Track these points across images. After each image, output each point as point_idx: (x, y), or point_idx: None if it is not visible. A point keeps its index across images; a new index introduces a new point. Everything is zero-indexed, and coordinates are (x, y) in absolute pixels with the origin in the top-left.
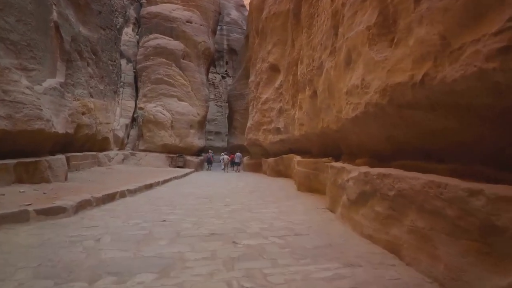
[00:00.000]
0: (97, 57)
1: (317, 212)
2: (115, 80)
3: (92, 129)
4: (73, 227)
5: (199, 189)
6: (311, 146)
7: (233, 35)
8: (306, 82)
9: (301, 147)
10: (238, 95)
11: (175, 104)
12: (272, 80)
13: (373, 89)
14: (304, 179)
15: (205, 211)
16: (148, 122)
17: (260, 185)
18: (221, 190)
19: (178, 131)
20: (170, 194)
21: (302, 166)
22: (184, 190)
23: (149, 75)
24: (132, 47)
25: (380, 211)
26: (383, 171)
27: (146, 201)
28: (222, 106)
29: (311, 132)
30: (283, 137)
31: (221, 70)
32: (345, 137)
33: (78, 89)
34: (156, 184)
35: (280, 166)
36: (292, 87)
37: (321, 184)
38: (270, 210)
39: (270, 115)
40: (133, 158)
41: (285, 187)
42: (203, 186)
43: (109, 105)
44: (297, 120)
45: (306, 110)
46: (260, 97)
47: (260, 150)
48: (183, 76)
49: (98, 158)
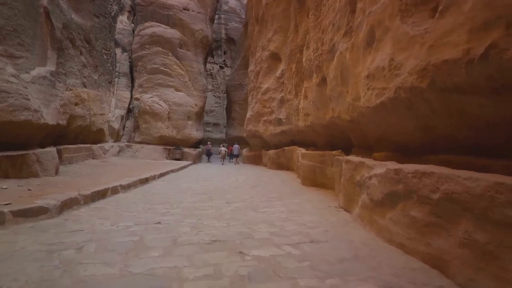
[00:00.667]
0: (91, 46)
1: (330, 212)
2: (110, 69)
3: (86, 120)
4: (54, 232)
5: (198, 183)
6: (316, 138)
7: (231, 24)
8: (313, 69)
9: (304, 139)
10: (236, 85)
11: (172, 95)
12: (273, 69)
13: (407, 70)
14: (309, 173)
15: (204, 210)
16: (144, 113)
17: (261, 179)
18: (221, 185)
19: (175, 122)
20: (167, 189)
21: (307, 159)
22: (182, 184)
23: (145, 64)
24: (127, 35)
25: (418, 217)
26: (421, 168)
27: (140, 198)
28: (220, 97)
29: (318, 123)
30: (285, 128)
31: (219, 60)
32: (360, 128)
33: (71, 78)
34: (152, 178)
35: (281, 158)
36: (296, 75)
37: (328, 178)
38: (277, 209)
39: (270, 105)
40: (129, 151)
41: (288, 181)
42: (202, 180)
43: (104, 95)
44: (302, 110)
45: (313, 99)
46: (260, 87)
47: (260, 141)
48: (180, 66)
49: (93, 151)
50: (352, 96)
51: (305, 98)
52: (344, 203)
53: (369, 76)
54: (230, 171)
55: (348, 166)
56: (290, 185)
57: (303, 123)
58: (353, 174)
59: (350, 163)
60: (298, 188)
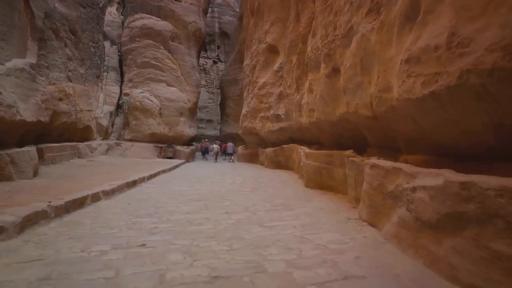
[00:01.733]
0: (77, 38)
1: (353, 227)
2: (98, 63)
3: (71, 116)
4: (3, 263)
5: (191, 186)
6: (321, 136)
7: (225, 17)
8: (321, 59)
9: (306, 136)
10: (231, 80)
11: (163, 90)
12: (270, 63)
13: (483, 46)
14: (314, 174)
15: (200, 224)
16: (134, 109)
17: (260, 180)
18: (217, 187)
19: (167, 119)
20: (156, 194)
21: (312, 159)
22: (174, 188)
23: (135, 58)
24: (116, 28)
25: (506, 253)
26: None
27: (124, 206)
28: (214, 93)
29: (325, 119)
30: (284, 125)
31: (212, 55)
32: (383, 125)
33: (54, 72)
34: (140, 180)
35: (279, 157)
36: (297, 68)
37: (336, 181)
38: (288, 223)
39: (268, 101)
40: (118, 149)
41: (290, 182)
42: (196, 182)
43: (91, 90)
44: (305, 105)
45: (321, 93)
46: (257, 82)
47: (256, 139)
48: (172, 60)
49: (79, 149)
50: (379, 86)
51: (310, 92)
52: (368, 216)
53: (410, 59)
54: (226, 171)
55: (376, 171)
56: (293, 188)
57: (307, 120)
58: (383, 183)
59: (378, 169)
60: (302, 191)
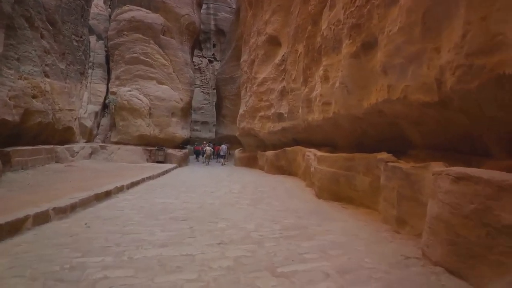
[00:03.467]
0: (56, 29)
1: (424, 278)
2: (82, 59)
3: (47, 116)
4: None
5: (178, 197)
6: (336, 136)
7: (221, 14)
8: (344, 34)
9: (315, 137)
10: (227, 78)
11: (153, 88)
12: (271, 56)
13: None
14: (328, 182)
15: (177, 272)
16: (121, 109)
17: (261, 189)
18: (209, 199)
19: (158, 119)
20: (131, 210)
21: (326, 164)
22: (157, 200)
23: (122, 53)
24: (103, 21)
25: None
26: None
27: (77, 232)
28: (210, 93)
29: (346, 113)
30: (287, 125)
31: (208, 54)
32: (455, 117)
33: (26, 65)
34: (117, 190)
35: (281, 161)
36: (305, 56)
37: (357, 191)
38: (314, 266)
39: (268, 98)
40: (103, 152)
41: (297, 192)
42: (185, 191)
43: (73, 88)
44: (318, 98)
45: (342, 80)
46: (256, 78)
47: (255, 141)
48: (163, 55)
49: (57, 153)
50: (468, 47)
51: (325, 81)
52: (447, 259)
53: None
54: (222, 177)
55: (469, 188)
56: (302, 199)
57: (320, 116)
58: (488, 208)
59: (475, 183)
60: (315, 204)
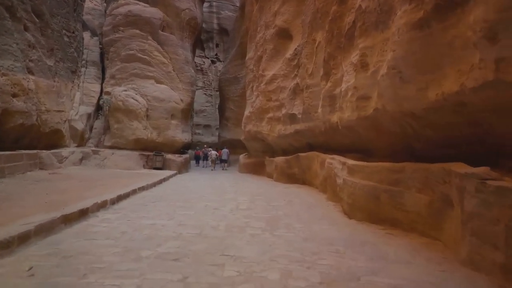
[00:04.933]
0: (43, 22)
1: None
2: (74, 56)
3: (31, 118)
4: None
5: (173, 216)
6: (373, 139)
7: (225, 12)
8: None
9: (338, 141)
10: (231, 79)
11: (151, 88)
12: (281, 51)
13: None
14: (364, 198)
15: None
16: (116, 110)
17: (275, 203)
18: (211, 220)
19: (156, 122)
20: (105, 241)
21: (361, 176)
22: (144, 221)
23: (118, 50)
24: (98, 16)
25: None
26: None
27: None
28: (212, 95)
29: (395, 110)
30: (301, 127)
31: (210, 54)
32: None
33: (6, 59)
34: (98, 207)
35: (294, 168)
36: (327, 44)
37: (407, 212)
38: None
39: (278, 97)
40: (96, 158)
41: (319, 208)
42: (182, 206)
43: (64, 87)
44: (351, 92)
45: (393, 64)
46: (264, 75)
47: (262, 146)
48: (162, 52)
49: (41, 159)
50: None
51: (363, 68)
52: None
53: None
54: (225, 186)
55: None
56: (330, 219)
57: (354, 114)
58: None
59: None
60: (349, 228)
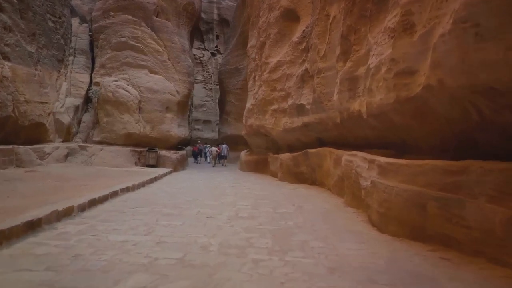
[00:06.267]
0: (23, 4)
1: None
2: (61, 44)
3: (6, 109)
4: None
5: (153, 229)
6: (408, 131)
7: (225, 2)
8: None
9: (359, 134)
10: (232, 70)
11: (145, 78)
12: (286, 35)
13: None
14: (404, 209)
15: None
16: (105, 102)
17: (282, 209)
18: (202, 235)
19: (149, 115)
20: (41, 272)
21: (400, 178)
22: (113, 237)
23: (108, 38)
24: (88, 2)
25: None
26: None
27: None
28: (212, 89)
29: (463, 83)
30: (311, 120)
31: (210, 46)
32: None
33: None
34: (60, 216)
35: (302, 166)
36: (348, 16)
37: (468, 228)
38: None
39: (284, 87)
40: (83, 154)
41: (337, 217)
42: (168, 213)
43: (47, 77)
44: (387, 67)
45: (466, 14)
46: (267, 63)
47: (265, 141)
48: (156, 40)
49: (18, 155)
50: None
51: (407, 33)
52: None
53: None
54: (224, 186)
55: None
56: (355, 234)
57: (391, 96)
58: None
59: None
60: (384, 248)
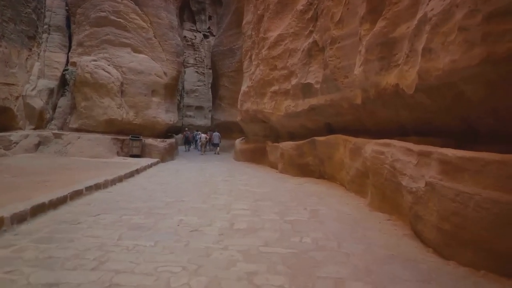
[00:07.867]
0: None
1: None
2: (32, 18)
3: None
4: None
5: (107, 256)
6: (495, 111)
7: None
8: None
9: (381, 119)
10: (225, 51)
11: (127, 57)
12: (289, 4)
13: None
14: (488, 228)
15: None
16: (82, 84)
17: (292, 217)
18: (176, 267)
19: (133, 99)
20: None
21: (485, 183)
22: (39, 276)
23: (87, 12)
24: None
25: None
26: None
27: None
28: (205, 74)
29: None
30: (319, 102)
31: (202, 27)
32: None
33: None
34: None
35: (307, 157)
36: None
37: None
38: None
39: (286, 64)
40: (57, 143)
41: (370, 228)
42: (138, 225)
43: (15, 55)
44: (465, 9)
45: None
46: (266, 38)
47: (262, 128)
48: (140, 15)
49: None
50: None
51: None
52: None
53: None
54: (217, 181)
55: None
56: (412, 264)
57: (476, 53)
58: None
59: None
60: None
